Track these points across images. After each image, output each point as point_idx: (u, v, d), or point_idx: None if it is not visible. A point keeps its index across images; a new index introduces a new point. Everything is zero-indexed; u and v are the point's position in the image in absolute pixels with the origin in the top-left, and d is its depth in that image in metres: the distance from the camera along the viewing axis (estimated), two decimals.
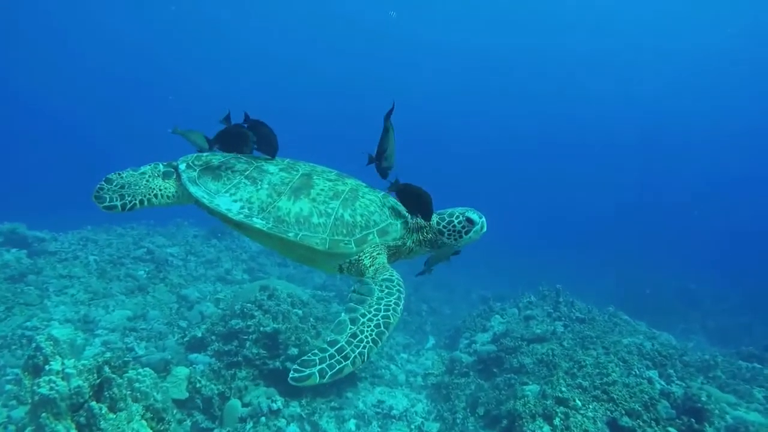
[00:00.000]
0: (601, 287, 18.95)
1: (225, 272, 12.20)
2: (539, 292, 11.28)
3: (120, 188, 2.84)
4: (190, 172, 2.90)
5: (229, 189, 2.79)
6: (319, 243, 2.63)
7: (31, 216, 11.60)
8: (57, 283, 9.26)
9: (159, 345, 7.54)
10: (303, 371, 2.17)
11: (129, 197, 2.83)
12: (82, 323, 8.12)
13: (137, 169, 2.97)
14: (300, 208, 2.70)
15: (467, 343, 9.47)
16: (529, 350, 7.95)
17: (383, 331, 2.40)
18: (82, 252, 10.93)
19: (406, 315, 14.45)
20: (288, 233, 2.62)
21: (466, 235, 2.92)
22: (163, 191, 2.95)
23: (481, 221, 2.92)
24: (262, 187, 2.78)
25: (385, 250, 2.85)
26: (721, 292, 19.13)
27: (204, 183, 2.84)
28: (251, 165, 2.93)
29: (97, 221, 13.03)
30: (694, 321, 16.52)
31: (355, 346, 2.30)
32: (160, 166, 3.02)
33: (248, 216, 2.67)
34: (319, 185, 2.82)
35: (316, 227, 2.66)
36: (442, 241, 2.95)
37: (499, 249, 25.88)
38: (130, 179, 2.89)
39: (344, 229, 2.70)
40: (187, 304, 9.72)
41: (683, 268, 22.60)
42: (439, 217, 2.95)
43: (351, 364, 2.23)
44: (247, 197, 2.74)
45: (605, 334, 8.78)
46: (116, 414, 3.70)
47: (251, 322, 7.28)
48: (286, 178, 2.83)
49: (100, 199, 2.79)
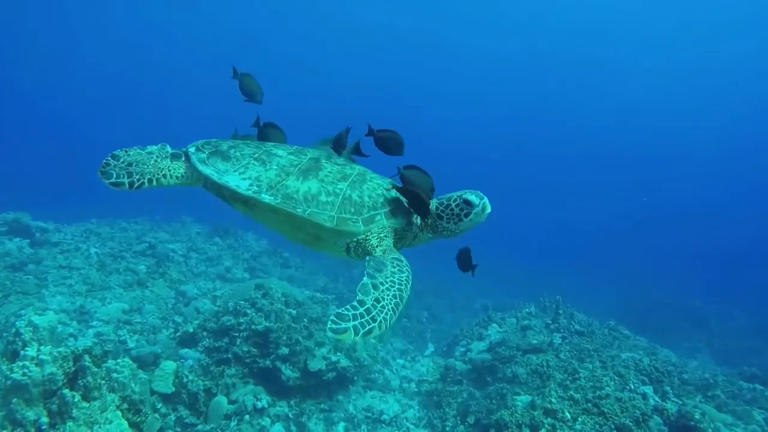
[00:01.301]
0: (605, 302, 18.76)
1: (225, 270, 12.21)
2: (540, 303, 11.17)
3: (127, 165, 2.83)
4: (199, 155, 2.91)
5: (238, 169, 2.80)
6: (327, 220, 2.62)
7: (37, 207, 11.71)
8: (56, 273, 9.30)
9: (151, 339, 7.53)
10: (340, 324, 2.18)
11: (137, 175, 2.81)
12: (78, 314, 8.13)
13: (144, 148, 2.97)
14: (308, 187, 2.70)
15: (463, 351, 9.38)
16: (524, 360, 7.84)
17: (399, 302, 2.44)
18: (84, 244, 10.98)
19: (405, 321, 14.36)
20: (296, 209, 2.62)
21: (466, 218, 2.79)
22: (171, 171, 2.95)
23: (481, 202, 2.77)
24: (271, 168, 2.79)
25: (391, 234, 2.83)
26: (729, 312, 18.79)
27: (213, 163, 2.84)
28: (260, 149, 2.96)
29: (102, 214, 13.13)
30: (699, 340, 16.24)
31: (380, 311, 2.32)
32: (167, 147, 3.04)
33: (257, 192, 2.67)
34: (327, 168, 2.83)
35: (324, 205, 2.66)
36: (442, 225, 2.87)
37: (504, 259, 25.74)
38: (138, 157, 2.89)
39: (352, 208, 2.69)
40: (185, 300, 9.74)
41: (690, 285, 22.29)
42: (438, 201, 2.88)
43: (378, 328, 2.26)
44: (255, 176, 2.75)
45: (603, 348, 8.64)
46: (90, 403, 3.67)
47: (243, 320, 7.25)
48: (294, 161, 2.86)
49: (106, 175, 2.75)
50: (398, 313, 2.41)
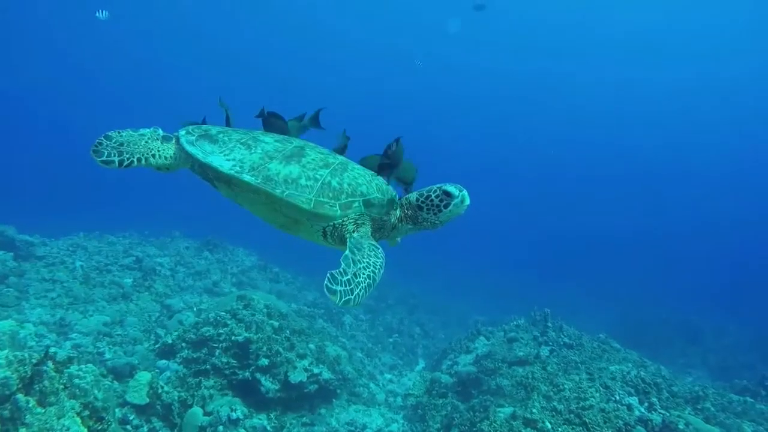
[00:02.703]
0: (602, 317, 18.62)
1: (213, 284, 12.11)
2: (530, 317, 11.03)
3: (119, 145, 2.98)
4: (188, 137, 3.02)
5: (223, 151, 2.92)
6: (305, 202, 2.70)
7: (24, 220, 11.64)
8: (38, 286, 9.21)
9: (129, 350, 7.41)
10: (333, 286, 2.36)
11: (127, 154, 2.95)
12: (57, 326, 8.03)
13: (137, 130, 3.13)
14: (290, 171, 2.79)
15: (450, 364, 9.25)
16: (509, 372, 7.73)
17: (371, 283, 2.55)
18: (70, 258, 10.90)
19: (396, 336, 14.23)
20: (275, 189, 2.70)
21: (446, 209, 2.84)
22: (161, 152, 3.07)
23: (460, 194, 2.81)
24: (255, 152, 2.89)
25: (369, 222, 2.92)
26: (724, 327, 18.61)
27: (201, 145, 2.97)
28: (248, 135, 3.07)
29: (90, 228, 13.05)
30: (695, 355, 16.09)
31: (356, 285, 2.45)
32: (159, 130, 3.17)
33: (239, 172, 2.76)
34: (310, 155, 2.93)
35: (303, 188, 2.74)
36: (422, 216, 2.92)
37: (501, 275, 25.63)
38: (129, 138, 3.05)
39: (330, 193, 2.77)
40: (169, 314, 9.62)
41: (685, 300, 22.15)
42: (418, 193, 2.94)
43: (353, 300, 2.40)
44: (239, 158, 2.86)
45: (592, 360, 8.52)
46: (45, 408, 3.57)
47: (223, 331, 7.15)
48: (279, 147, 2.97)
49: (98, 154, 2.89)
50: (369, 292, 2.52)
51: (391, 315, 15.66)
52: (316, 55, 49.80)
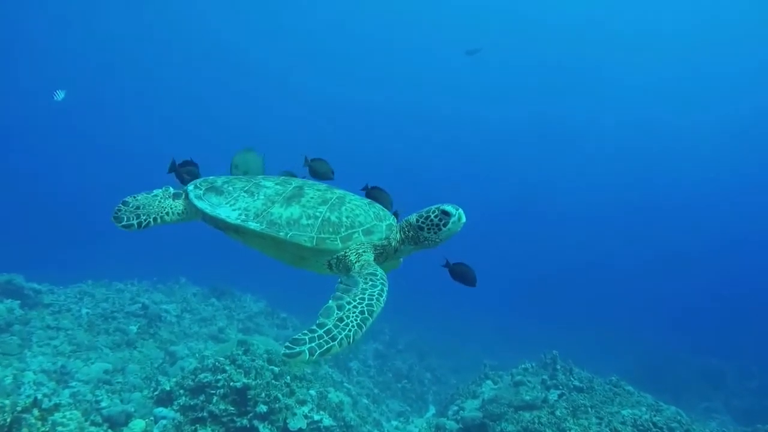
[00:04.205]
0: (616, 361, 18.09)
1: (218, 331, 12.05)
2: (540, 360, 10.76)
3: (135, 209, 3.31)
4: (197, 191, 3.30)
5: (229, 201, 3.16)
6: (307, 240, 2.91)
7: (32, 268, 11.80)
8: (42, 333, 9.23)
9: (126, 398, 7.33)
10: (294, 348, 2.33)
11: (144, 216, 3.29)
12: (58, 374, 8.00)
13: (150, 192, 3.46)
14: (291, 212, 3.01)
15: (456, 410, 9.00)
16: (515, 417, 7.48)
17: (367, 317, 2.58)
18: (76, 305, 10.97)
19: (405, 382, 13.94)
20: (279, 233, 2.93)
21: (445, 228, 3.03)
22: (173, 209, 3.40)
23: (457, 213, 3.01)
24: (258, 198, 3.14)
25: (371, 249, 3.09)
26: (747, 368, 17.90)
27: (208, 198, 3.23)
28: (250, 182, 3.33)
29: (99, 275, 13.18)
30: (717, 399, 15.47)
31: (341, 329, 2.46)
32: (170, 188, 3.52)
33: (244, 221, 3.01)
34: (309, 194, 3.16)
35: (305, 227, 2.95)
36: (423, 236, 3.09)
37: (513, 320, 25.18)
38: (144, 201, 3.38)
39: (330, 228, 2.97)
40: (172, 360, 9.55)
41: (704, 341, 21.46)
42: (417, 214, 3.14)
43: (338, 345, 2.40)
44: (244, 206, 3.11)
45: (603, 404, 8.22)
46: None
47: (221, 377, 7.05)
48: (280, 190, 3.20)
49: (119, 219, 3.25)
50: (365, 328, 2.54)
51: (401, 360, 15.38)
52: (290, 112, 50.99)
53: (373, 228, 3.06)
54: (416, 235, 3.12)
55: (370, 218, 3.10)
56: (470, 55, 26.21)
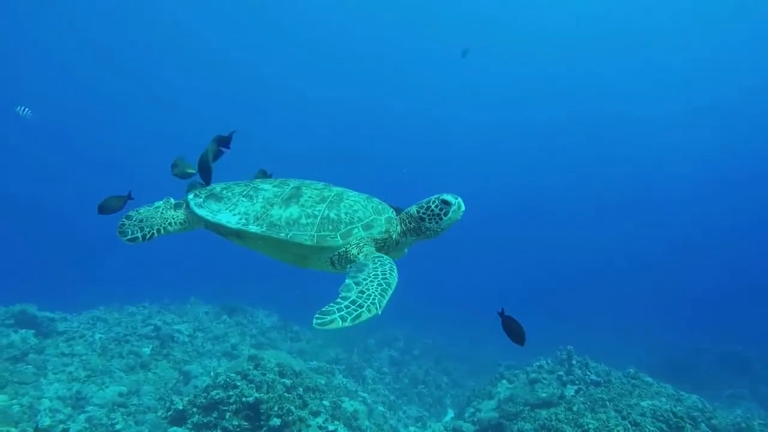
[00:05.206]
0: (636, 353, 17.85)
1: (231, 347, 12.04)
2: (556, 356, 10.63)
3: (139, 222, 3.36)
4: (197, 200, 3.36)
5: (229, 207, 3.21)
6: (308, 239, 2.95)
7: (45, 296, 11.92)
8: (57, 361, 9.29)
9: (140, 419, 7.34)
10: (325, 318, 2.37)
11: (147, 228, 3.32)
12: (74, 400, 8.04)
13: (152, 205, 3.53)
14: (290, 213, 3.05)
15: (473, 412, 8.90)
16: (532, 415, 7.37)
17: (386, 288, 2.63)
18: (90, 331, 11.03)
19: (422, 387, 13.84)
20: (280, 234, 2.97)
21: (445, 217, 3.08)
22: (175, 219, 3.45)
23: (457, 201, 3.06)
24: (257, 202, 3.18)
25: (371, 243, 3.10)
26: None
27: (208, 205, 3.28)
28: (248, 186, 3.37)
29: (110, 300, 13.26)
30: (743, 386, 15.12)
31: (366, 299, 2.52)
32: (171, 199, 3.59)
33: (245, 224, 3.06)
34: (307, 194, 3.19)
35: (305, 226, 2.99)
36: (424, 226, 3.13)
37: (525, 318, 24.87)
38: (147, 214, 3.44)
39: (330, 226, 3.01)
40: (186, 380, 9.56)
41: (723, 332, 21.05)
42: (417, 206, 3.18)
43: (367, 311, 2.45)
44: (244, 211, 3.15)
45: (621, 397, 8.08)
46: None
47: (233, 393, 7.04)
48: (278, 192, 3.23)
49: (123, 234, 3.28)
50: (387, 296, 2.58)
51: (417, 366, 15.28)
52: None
53: (373, 222, 3.09)
54: (418, 226, 3.16)
55: (369, 213, 3.12)
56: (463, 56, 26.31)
